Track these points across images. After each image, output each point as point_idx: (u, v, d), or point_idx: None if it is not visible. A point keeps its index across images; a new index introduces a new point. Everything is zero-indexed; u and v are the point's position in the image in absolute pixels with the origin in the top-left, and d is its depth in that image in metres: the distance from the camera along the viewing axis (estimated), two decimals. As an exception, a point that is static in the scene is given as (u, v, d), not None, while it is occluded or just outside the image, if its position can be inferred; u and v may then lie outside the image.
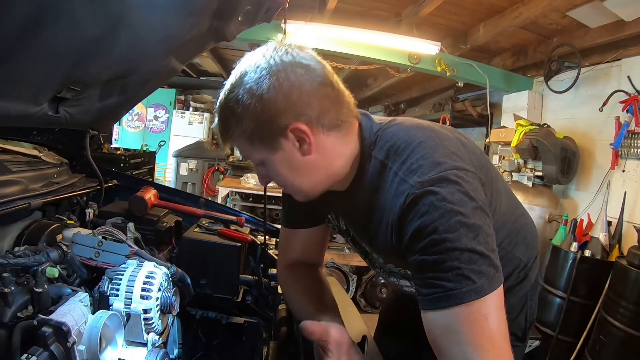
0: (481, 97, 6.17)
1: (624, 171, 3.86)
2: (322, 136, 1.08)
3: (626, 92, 3.78)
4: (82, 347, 0.94)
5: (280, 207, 1.52)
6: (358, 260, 4.82)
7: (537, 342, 3.41)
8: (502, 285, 0.95)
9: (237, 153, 8.64)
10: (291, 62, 1.04)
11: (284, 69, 1.03)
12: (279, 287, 1.60)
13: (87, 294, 1.08)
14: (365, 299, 5.05)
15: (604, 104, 3.95)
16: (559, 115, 4.77)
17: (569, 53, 4.29)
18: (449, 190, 0.96)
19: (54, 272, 1.07)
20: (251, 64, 1.05)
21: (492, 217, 1.04)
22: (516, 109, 5.15)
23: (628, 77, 3.76)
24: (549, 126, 4.37)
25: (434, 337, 0.98)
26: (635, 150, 3.75)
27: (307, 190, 1.17)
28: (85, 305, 1.03)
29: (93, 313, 1.04)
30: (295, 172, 1.11)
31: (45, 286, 1.02)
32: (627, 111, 3.73)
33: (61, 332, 0.88)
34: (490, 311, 0.92)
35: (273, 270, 1.75)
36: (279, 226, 1.58)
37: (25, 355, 0.83)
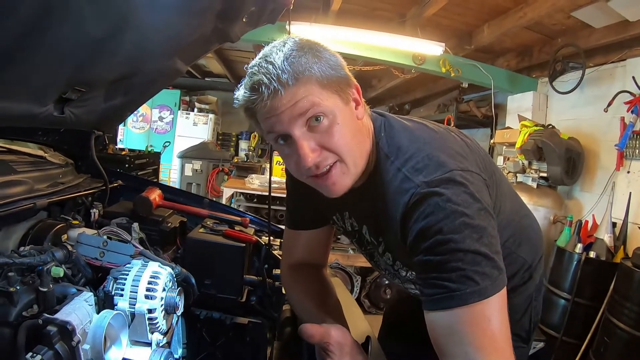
0: (486, 98, 6.16)
1: (628, 172, 3.85)
2: (362, 110, 1.11)
3: (631, 93, 3.76)
4: (86, 346, 0.95)
5: (284, 208, 1.52)
6: (362, 261, 4.81)
7: (541, 344, 3.40)
8: (505, 287, 0.96)
9: (241, 154, 8.68)
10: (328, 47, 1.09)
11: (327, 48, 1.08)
12: (283, 288, 1.60)
13: (91, 293, 1.09)
14: (369, 300, 5.04)
15: (609, 105, 3.93)
16: (564, 116, 4.75)
17: (573, 53, 4.29)
18: (454, 192, 0.96)
19: (59, 271, 1.08)
20: (297, 38, 1.06)
21: (496, 217, 1.04)
22: (521, 109, 5.14)
23: (633, 77, 3.74)
24: (553, 127, 4.36)
25: (436, 337, 0.98)
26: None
27: (359, 165, 1.08)
28: (90, 305, 1.03)
29: (98, 312, 1.05)
30: (356, 135, 1.07)
31: (51, 285, 1.02)
32: (632, 112, 3.71)
33: (66, 331, 0.89)
34: (493, 313, 0.92)
35: (277, 271, 1.76)
36: (283, 227, 1.58)
37: (30, 353, 0.84)
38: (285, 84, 0.96)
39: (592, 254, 3.58)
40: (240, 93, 1.02)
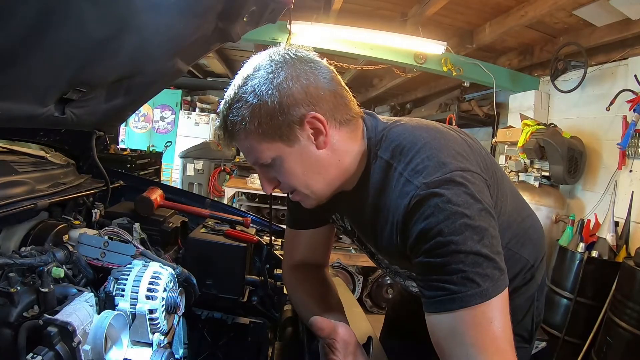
0: (487, 96, 6.17)
1: (631, 171, 3.84)
2: (334, 130, 1.08)
3: (633, 92, 3.75)
4: (87, 347, 0.95)
5: (286, 208, 1.52)
6: (364, 261, 4.82)
7: (543, 344, 3.39)
8: (507, 289, 0.95)
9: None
10: (304, 57, 1.06)
11: (300, 62, 1.04)
12: (285, 288, 1.60)
13: (92, 294, 1.09)
14: (371, 300, 5.05)
15: (611, 103, 3.92)
16: (566, 115, 4.74)
17: (575, 52, 4.27)
18: (455, 192, 0.95)
19: (59, 272, 1.08)
20: (263, 60, 1.05)
21: (497, 218, 1.04)
22: (522, 108, 5.13)
23: (635, 76, 3.72)
24: (555, 126, 4.35)
25: (437, 340, 0.98)
26: (642, 150, 3.71)
27: (319, 191, 1.13)
28: (90, 306, 1.03)
29: (99, 313, 1.05)
30: (309, 169, 1.08)
31: (51, 286, 1.02)
32: (635, 111, 3.69)
33: (66, 332, 0.89)
34: (495, 314, 0.92)
35: (279, 271, 1.76)
36: (284, 226, 1.58)
37: (31, 354, 0.83)
38: (229, 139, 1.09)
39: (594, 253, 3.57)
40: None
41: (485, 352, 0.90)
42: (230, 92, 1.06)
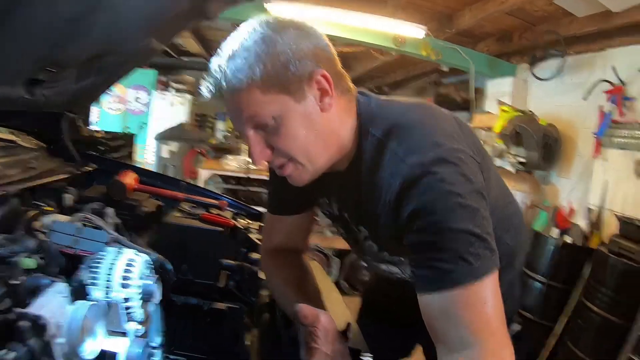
0: (465, 81, 6.18)
1: (605, 160, 3.90)
2: (336, 98, 1.05)
3: (611, 83, 3.79)
4: (62, 340, 0.91)
5: (262, 190, 1.49)
6: (341, 244, 4.83)
7: (518, 327, 3.46)
8: (497, 269, 0.96)
9: (219, 135, 8.58)
10: (307, 24, 1.06)
11: (304, 25, 1.04)
12: (262, 273, 1.58)
13: (65, 284, 1.05)
14: (348, 282, 5.07)
15: (588, 93, 3.97)
16: (543, 103, 4.78)
17: (554, 41, 4.28)
18: (448, 172, 0.95)
19: (31, 262, 1.04)
20: (265, 19, 1.02)
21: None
22: (500, 94, 5.17)
23: (613, 67, 3.77)
24: (532, 113, 4.39)
25: (430, 320, 0.98)
26: (618, 140, 3.78)
27: (318, 162, 1.07)
28: (64, 297, 1.00)
29: (72, 303, 1.01)
30: (312, 132, 1.02)
31: (22, 277, 0.98)
32: (611, 101, 3.76)
33: (39, 326, 0.85)
34: (488, 294, 0.93)
35: (256, 255, 1.74)
36: (261, 209, 1.56)
37: (5, 351, 0.80)
38: (227, 92, 0.97)
39: (568, 239, 3.64)
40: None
41: (478, 334, 0.91)
42: (229, 46, 0.99)
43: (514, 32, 4.85)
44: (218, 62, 0.98)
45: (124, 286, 1.11)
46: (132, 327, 1.14)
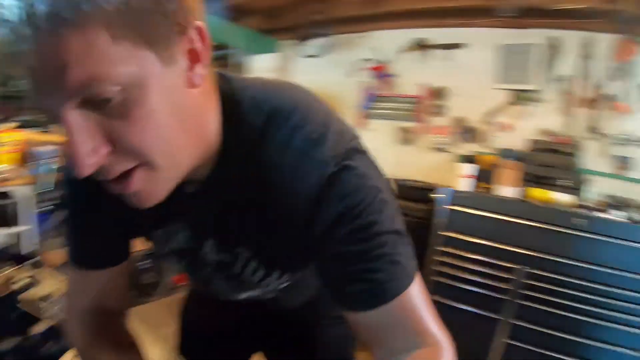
0: (225, 56, 6.16)
1: (370, 130, 4.51)
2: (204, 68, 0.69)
3: (372, 61, 4.38)
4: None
5: (66, 236, 0.98)
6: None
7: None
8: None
9: None
10: None
11: None
12: (71, 346, 1.14)
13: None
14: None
15: (352, 70, 4.51)
16: (310, 79, 5.07)
17: (321, 21, 4.59)
18: (364, 163, 0.79)
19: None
20: None
21: None
22: (263, 70, 5.30)
23: (374, 47, 4.35)
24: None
25: (369, 336, 0.84)
26: (380, 111, 4.43)
27: (181, 163, 0.70)
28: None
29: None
30: (177, 119, 0.64)
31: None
32: (374, 77, 4.37)
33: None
34: (420, 290, 0.82)
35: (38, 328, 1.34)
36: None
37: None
38: (42, 28, 0.51)
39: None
40: None
41: (422, 333, 0.82)
42: None
43: (281, 8, 5.00)
44: None
45: None
46: None
